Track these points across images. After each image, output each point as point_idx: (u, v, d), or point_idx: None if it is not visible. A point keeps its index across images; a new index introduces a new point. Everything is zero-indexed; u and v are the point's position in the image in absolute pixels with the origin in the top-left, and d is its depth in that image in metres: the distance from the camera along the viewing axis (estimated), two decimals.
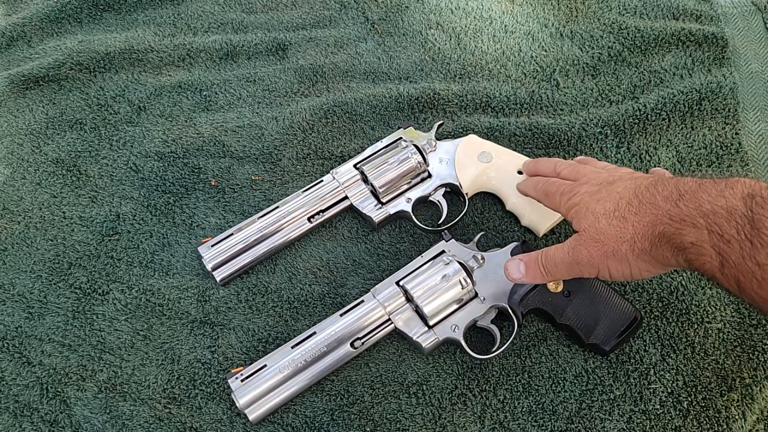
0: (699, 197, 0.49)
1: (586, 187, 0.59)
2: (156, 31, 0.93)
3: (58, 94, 0.87)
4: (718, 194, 0.48)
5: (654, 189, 0.53)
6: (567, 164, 0.67)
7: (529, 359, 0.67)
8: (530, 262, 0.60)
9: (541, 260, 0.60)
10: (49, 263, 0.73)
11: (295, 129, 0.83)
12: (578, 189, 0.60)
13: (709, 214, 0.48)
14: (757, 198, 0.46)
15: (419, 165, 0.74)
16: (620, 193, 0.55)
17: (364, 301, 0.67)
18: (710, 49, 0.87)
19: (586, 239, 0.56)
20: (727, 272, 0.47)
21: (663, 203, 0.51)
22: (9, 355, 0.68)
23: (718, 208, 0.47)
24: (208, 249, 0.71)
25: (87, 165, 0.81)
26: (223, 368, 0.67)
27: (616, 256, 0.54)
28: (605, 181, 0.58)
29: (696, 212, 0.49)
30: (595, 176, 0.61)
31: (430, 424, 0.63)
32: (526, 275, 0.61)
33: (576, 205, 0.59)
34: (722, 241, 0.47)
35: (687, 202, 0.50)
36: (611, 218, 0.54)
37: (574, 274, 0.58)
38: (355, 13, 0.96)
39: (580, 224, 0.57)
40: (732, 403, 0.63)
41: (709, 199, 0.48)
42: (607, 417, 0.63)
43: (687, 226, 0.49)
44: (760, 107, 0.83)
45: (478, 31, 0.92)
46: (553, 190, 0.63)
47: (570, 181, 0.63)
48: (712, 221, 0.47)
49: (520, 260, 0.61)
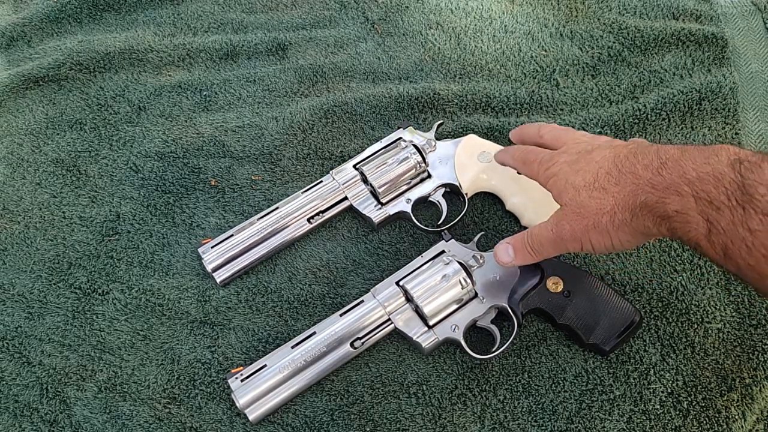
0: (683, 164, 0.48)
1: (564, 156, 0.58)
2: (156, 31, 0.93)
3: (58, 94, 0.87)
4: (704, 161, 0.47)
5: (633, 158, 0.52)
6: (551, 128, 0.65)
7: (529, 359, 0.67)
8: (517, 244, 0.60)
9: (528, 240, 0.59)
10: (49, 263, 0.73)
11: (295, 129, 0.83)
12: (557, 158, 0.58)
13: (694, 181, 0.47)
14: (745, 163, 0.45)
15: (419, 165, 0.74)
16: (599, 162, 0.54)
17: (364, 301, 0.67)
18: (710, 49, 0.87)
19: (567, 213, 0.55)
20: (715, 239, 0.46)
21: (644, 172, 0.50)
22: (9, 355, 0.68)
23: (704, 175, 0.46)
24: (209, 250, 0.71)
25: (87, 165, 0.81)
26: (223, 368, 0.67)
27: (596, 228, 0.53)
28: (584, 150, 0.57)
29: (680, 180, 0.48)
30: (574, 145, 0.59)
31: (430, 424, 0.63)
32: (515, 258, 0.60)
33: (554, 176, 0.57)
34: (711, 207, 0.46)
35: (670, 170, 0.49)
36: (591, 190, 0.53)
37: (560, 250, 0.58)
38: (355, 13, 0.96)
39: (561, 197, 0.56)
40: (732, 403, 0.63)
41: (693, 166, 0.47)
42: (607, 417, 0.63)
43: (671, 194, 0.48)
44: (760, 107, 0.83)
45: (478, 31, 0.92)
46: (531, 158, 0.62)
47: (549, 150, 0.61)
48: (699, 188, 0.46)
49: (507, 243, 0.61)
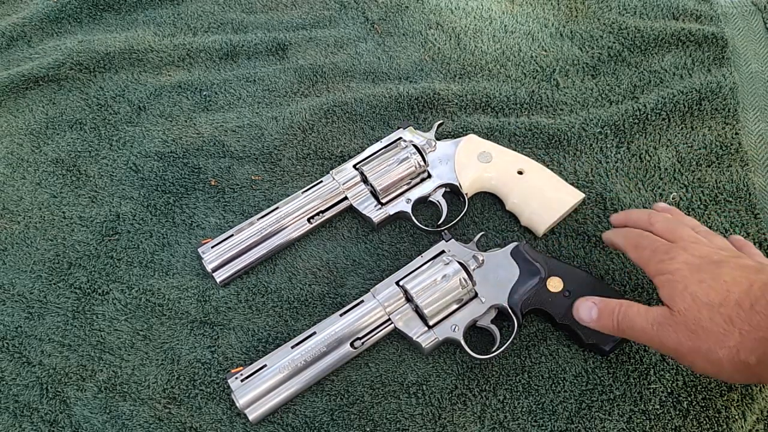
0: None
1: (685, 256, 0.54)
2: (156, 31, 0.93)
3: (57, 94, 0.87)
4: None
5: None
6: (663, 217, 0.62)
7: (529, 359, 0.67)
8: (605, 311, 0.56)
9: (618, 316, 0.55)
10: (49, 263, 0.73)
11: (295, 129, 0.83)
12: (676, 255, 0.54)
13: None
14: None
15: (419, 165, 0.74)
16: (728, 284, 0.50)
17: (363, 301, 0.67)
18: (710, 49, 0.87)
19: (678, 323, 0.51)
20: None
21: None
22: (9, 355, 0.68)
23: None
24: (209, 250, 0.71)
25: (87, 165, 0.81)
26: (223, 368, 0.67)
27: (708, 356, 0.49)
28: (708, 258, 0.53)
29: None
30: (695, 246, 0.55)
31: (430, 424, 0.63)
32: (596, 321, 0.57)
33: (670, 274, 0.53)
34: None
35: None
36: (715, 313, 0.49)
37: (650, 346, 0.55)
38: (355, 13, 0.96)
39: (673, 301, 0.52)
40: (732, 403, 0.63)
41: None
42: (607, 417, 0.63)
43: None
44: (760, 107, 0.83)
45: (478, 31, 0.92)
46: (645, 244, 0.58)
47: (665, 241, 0.57)
48: None
49: (594, 304, 0.57)
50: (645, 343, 0.55)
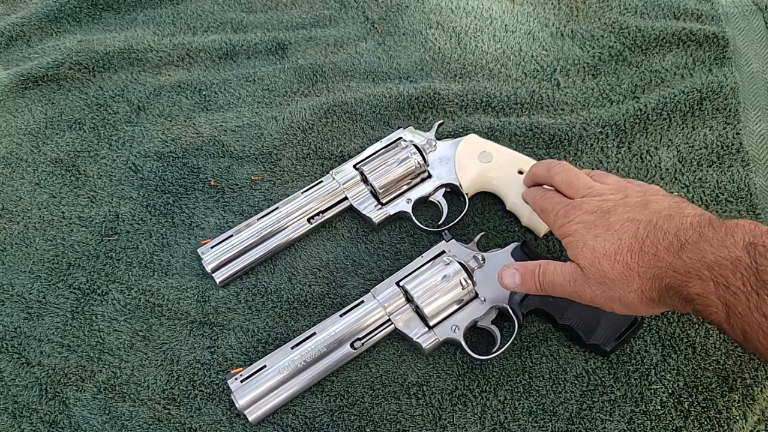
0: (701, 248, 0.48)
1: (580, 215, 0.57)
2: (155, 30, 0.93)
3: (57, 93, 0.87)
4: (720, 244, 0.47)
5: (654, 236, 0.52)
6: (560, 168, 0.64)
7: (529, 360, 0.66)
8: (527, 275, 0.59)
9: (538, 276, 0.58)
10: (48, 263, 0.73)
11: (295, 129, 0.83)
12: (573, 215, 0.58)
13: (713, 266, 0.47)
14: (759, 247, 0.45)
15: (419, 165, 0.74)
16: (618, 233, 0.54)
17: (364, 301, 0.67)
18: (711, 49, 0.87)
19: (589, 279, 0.54)
20: (734, 323, 0.46)
21: (666, 255, 0.50)
22: (8, 355, 0.68)
23: (722, 260, 0.47)
24: (208, 251, 0.71)
25: (86, 165, 0.80)
26: (222, 369, 0.67)
27: (622, 301, 0.53)
28: (599, 210, 0.56)
29: (700, 264, 0.48)
30: (588, 201, 0.58)
31: (430, 425, 0.63)
32: (520, 286, 0.60)
33: (570, 235, 0.57)
34: (728, 292, 0.46)
35: (690, 253, 0.49)
36: (613, 262, 0.53)
37: (573, 299, 0.58)
38: (355, 13, 0.96)
39: (577, 258, 0.55)
40: (733, 404, 0.63)
41: (711, 249, 0.48)
42: (608, 418, 0.63)
43: (692, 278, 0.48)
44: (761, 107, 0.83)
45: (478, 31, 0.92)
46: (548, 207, 0.62)
47: (566, 200, 0.61)
48: (718, 273, 0.47)
49: (516, 270, 0.60)
50: (568, 297, 0.58)
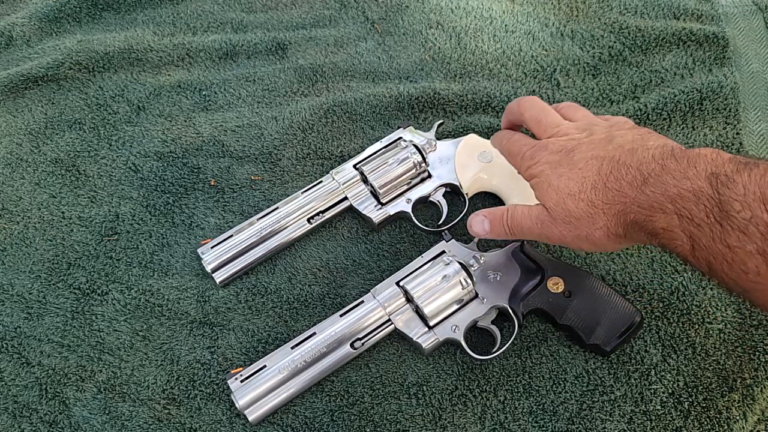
0: (664, 180, 0.48)
1: (545, 156, 0.57)
2: (155, 30, 0.93)
3: (57, 93, 0.87)
4: (682, 176, 0.47)
5: (617, 172, 0.51)
6: (529, 104, 0.63)
7: (529, 360, 0.66)
8: (495, 221, 0.60)
9: (507, 221, 0.59)
10: (48, 263, 0.73)
11: (295, 129, 0.83)
12: (538, 156, 0.57)
13: (676, 198, 0.47)
14: (721, 177, 0.45)
15: (419, 165, 0.74)
16: (582, 170, 0.53)
17: (364, 301, 0.67)
18: (711, 49, 0.87)
19: (555, 218, 0.55)
20: (698, 255, 0.47)
21: (629, 190, 0.50)
22: (8, 355, 0.68)
23: (684, 192, 0.47)
24: (208, 251, 0.71)
25: (86, 165, 0.80)
26: (222, 369, 0.67)
27: (589, 239, 0.54)
28: (564, 149, 0.56)
29: (663, 197, 0.48)
30: (553, 142, 0.58)
31: (430, 425, 0.63)
32: (489, 232, 0.61)
33: (536, 177, 0.57)
34: (692, 224, 0.46)
35: (653, 187, 0.49)
36: (578, 200, 0.53)
37: (542, 241, 0.59)
38: (355, 13, 0.96)
39: (543, 199, 0.56)
40: (733, 404, 0.63)
41: (674, 182, 0.47)
42: (608, 418, 0.63)
43: (656, 212, 0.48)
44: (761, 107, 0.83)
45: (478, 31, 0.92)
46: (515, 150, 0.61)
47: (532, 141, 0.60)
48: (681, 205, 0.47)
49: (484, 216, 0.61)
50: (537, 239, 0.58)
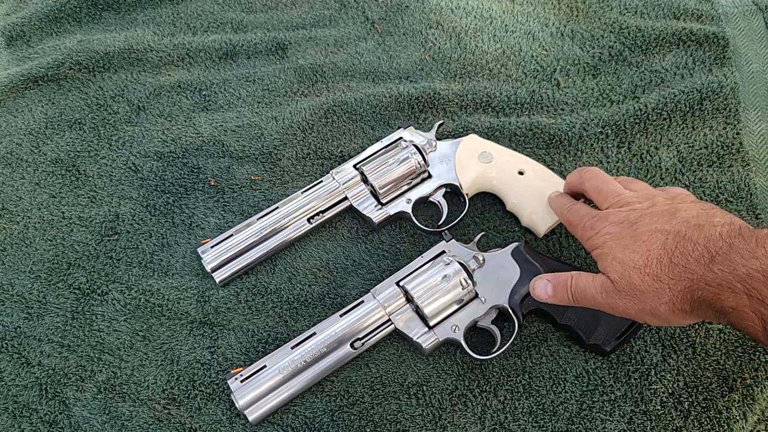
0: (732, 259, 0.48)
1: (607, 227, 0.57)
2: (155, 30, 0.93)
3: (57, 93, 0.87)
4: (751, 255, 0.47)
5: (683, 248, 0.51)
6: (591, 176, 0.64)
7: (529, 360, 0.66)
8: (559, 286, 0.59)
9: (571, 288, 0.58)
10: (48, 263, 0.73)
11: (295, 129, 0.83)
12: (600, 227, 0.58)
13: (745, 278, 0.46)
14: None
15: (419, 165, 0.74)
16: (647, 244, 0.53)
17: (364, 301, 0.67)
18: (711, 49, 0.87)
19: (620, 291, 0.54)
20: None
21: (696, 267, 0.50)
22: (8, 355, 0.68)
23: (753, 272, 0.46)
24: (208, 250, 0.71)
25: (86, 165, 0.80)
26: (222, 369, 0.67)
27: (654, 313, 0.53)
28: (627, 221, 0.56)
29: (732, 276, 0.47)
30: (615, 213, 0.58)
31: (430, 425, 0.63)
32: (552, 297, 0.60)
33: (599, 248, 0.57)
34: (763, 306, 0.46)
35: (721, 265, 0.48)
36: (643, 274, 0.52)
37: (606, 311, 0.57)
38: (355, 13, 0.96)
39: (607, 271, 0.55)
40: (733, 404, 0.63)
41: (742, 261, 0.47)
42: (608, 418, 0.63)
43: (725, 291, 0.48)
44: (761, 107, 0.83)
45: (478, 31, 0.92)
46: (575, 221, 0.62)
47: (592, 212, 0.61)
48: (750, 285, 0.46)
49: (548, 281, 0.60)
50: (600, 309, 0.57)
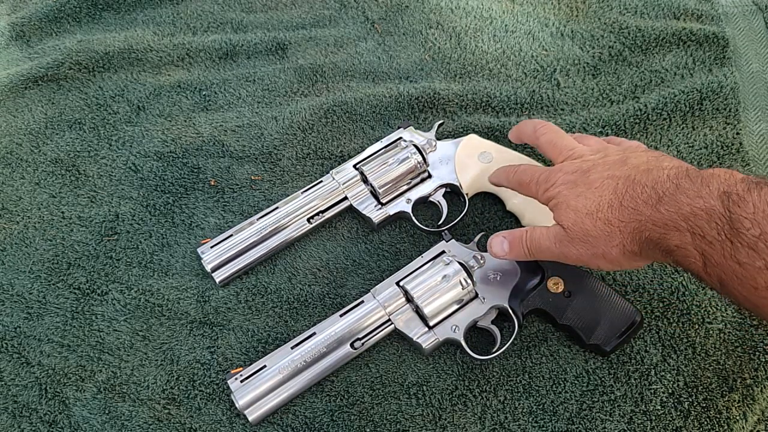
0: (678, 200, 0.49)
1: (561, 176, 0.58)
2: (155, 30, 0.93)
3: (57, 93, 0.87)
4: (696, 195, 0.48)
5: (633, 190, 0.53)
6: (546, 129, 0.65)
7: (529, 360, 0.66)
8: (514, 241, 0.61)
9: (526, 241, 0.60)
10: (48, 263, 0.73)
11: (295, 129, 0.83)
12: (554, 178, 0.58)
13: (689, 217, 0.48)
14: (732, 196, 0.46)
15: (419, 165, 0.74)
16: (598, 189, 0.55)
17: (364, 301, 0.67)
18: (711, 49, 0.87)
19: (573, 238, 0.56)
20: (710, 271, 0.48)
21: (644, 208, 0.51)
22: (8, 355, 0.68)
23: (697, 210, 0.48)
24: (208, 250, 0.71)
25: (86, 165, 0.80)
26: (222, 369, 0.67)
27: (606, 257, 0.55)
28: (580, 169, 0.57)
29: (677, 216, 0.49)
30: (569, 163, 0.59)
31: (430, 425, 0.63)
32: (509, 253, 0.61)
33: (554, 198, 0.58)
34: (704, 242, 0.47)
35: (667, 205, 0.50)
36: (595, 219, 0.54)
37: (560, 261, 0.59)
38: (355, 13, 0.96)
39: (561, 219, 0.57)
40: (733, 404, 0.63)
41: (687, 201, 0.49)
42: (608, 418, 0.63)
43: (671, 230, 0.49)
44: (761, 107, 0.83)
45: (478, 31, 0.92)
46: (527, 179, 0.62)
47: (543, 167, 0.61)
48: (694, 223, 0.48)
49: (504, 237, 0.61)
50: (555, 259, 0.59)
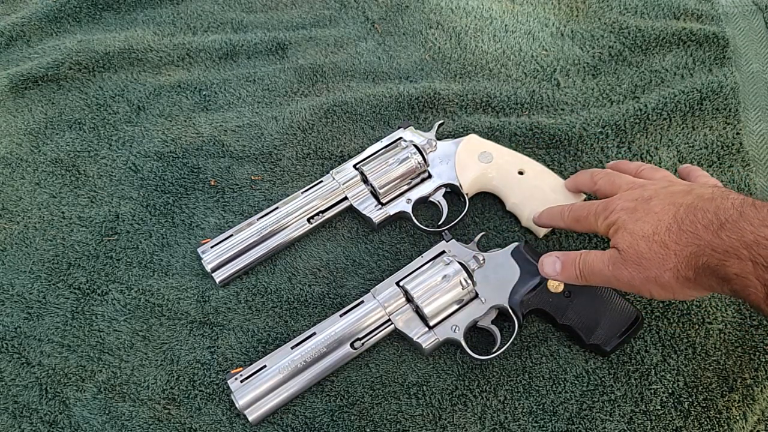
0: (741, 227, 0.48)
1: (621, 203, 0.58)
2: (155, 30, 0.93)
3: (57, 93, 0.87)
4: (761, 223, 0.47)
5: (693, 216, 0.52)
6: (604, 173, 0.66)
7: (529, 360, 0.66)
8: (567, 262, 0.60)
9: (579, 263, 0.59)
10: (48, 263, 0.73)
11: (295, 129, 0.83)
12: (614, 206, 0.59)
13: (752, 245, 0.47)
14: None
15: (419, 165, 0.74)
16: (658, 214, 0.54)
17: (364, 301, 0.67)
18: (711, 49, 0.87)
19: (626, 260, 0.55)
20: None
21: (704, 233, 0.50)
22: (8, 355, 0.68)
23: (761, 239, 0.47)
24: (208, 250, 0.71)
25: (86, 165, 0.80)
26: (222, 369, 0.67)
27: (658, 282, 0.54)
28: (641, 197, 0.57)
29: (739, 243, 0.48)
30: (629, 193, 0.59)
31: (430, 425, 0.63)
32: (560, 274, 0.61)
33: (614, 224, 0.58)
34: (767, 272, 0.46)
35: (729, 232, 0.49)
36: (651, 242, 0.53)
37: (611, 286, 0.58)
38: (355, 13, 0.96)
39: (617, 242, 0.56)
40: (733, 404, 0.63)
41: (751, 229, 0.48)
42: (608, 417, 0.63)
43: (731, 257, 0.48)
44: (761, 107, 0.83)
45: (478, 31, 0.92)
46: (584, 213, 0.62)
47: (599, 201, 0.62)
48: (756, 252, 0.47)
49: (557, 258, 0.61)
50: (606, 284, 0.59)
